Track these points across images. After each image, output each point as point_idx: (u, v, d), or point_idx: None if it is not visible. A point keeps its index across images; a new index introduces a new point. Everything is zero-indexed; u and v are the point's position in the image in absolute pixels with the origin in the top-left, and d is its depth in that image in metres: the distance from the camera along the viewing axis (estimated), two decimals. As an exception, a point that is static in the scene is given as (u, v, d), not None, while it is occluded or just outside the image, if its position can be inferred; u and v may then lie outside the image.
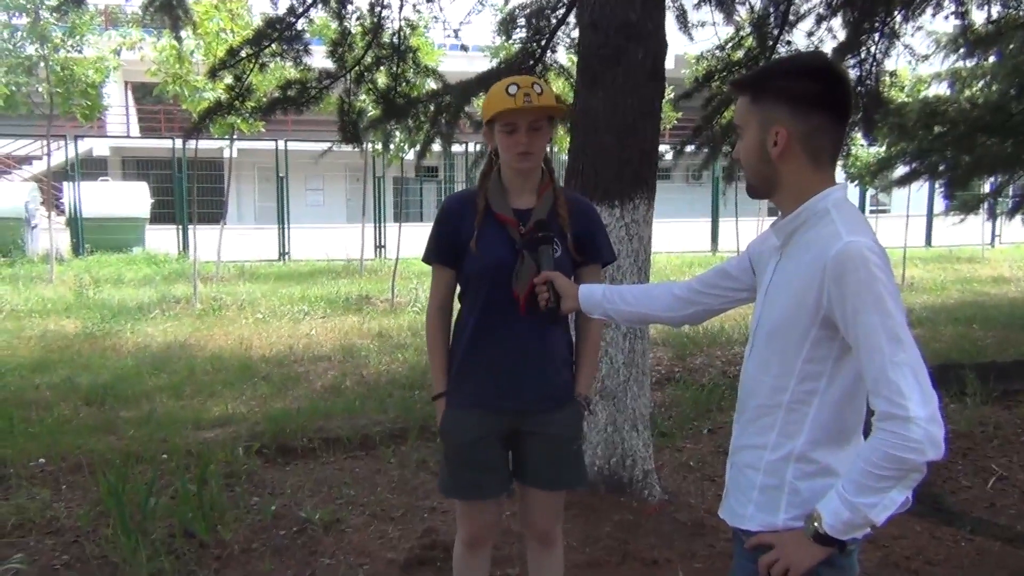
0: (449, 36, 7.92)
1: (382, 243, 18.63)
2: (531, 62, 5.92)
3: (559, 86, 6.75)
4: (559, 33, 5.99)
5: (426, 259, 2.56)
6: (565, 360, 2.55)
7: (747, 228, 17.63)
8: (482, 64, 10.95)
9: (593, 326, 2.60)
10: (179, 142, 17.50)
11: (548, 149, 2.50)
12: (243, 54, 5.58)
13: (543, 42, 5.98)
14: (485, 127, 2.44)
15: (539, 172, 2.47)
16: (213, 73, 5.91)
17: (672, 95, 9.15)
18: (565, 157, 4.42)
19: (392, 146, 10.86)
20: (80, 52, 12.67)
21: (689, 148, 7.36)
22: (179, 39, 8.30)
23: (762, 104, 1.68)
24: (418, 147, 7.18)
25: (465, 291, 2.52)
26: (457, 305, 2.58)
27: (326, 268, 15.46)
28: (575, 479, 2.62)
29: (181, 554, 3.60)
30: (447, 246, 2.48)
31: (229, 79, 5.95)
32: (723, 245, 19.88)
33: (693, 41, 6.60)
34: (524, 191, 2.46)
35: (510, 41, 6.61)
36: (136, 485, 4.16)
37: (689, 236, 19.18)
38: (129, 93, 28.32)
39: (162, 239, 17.82)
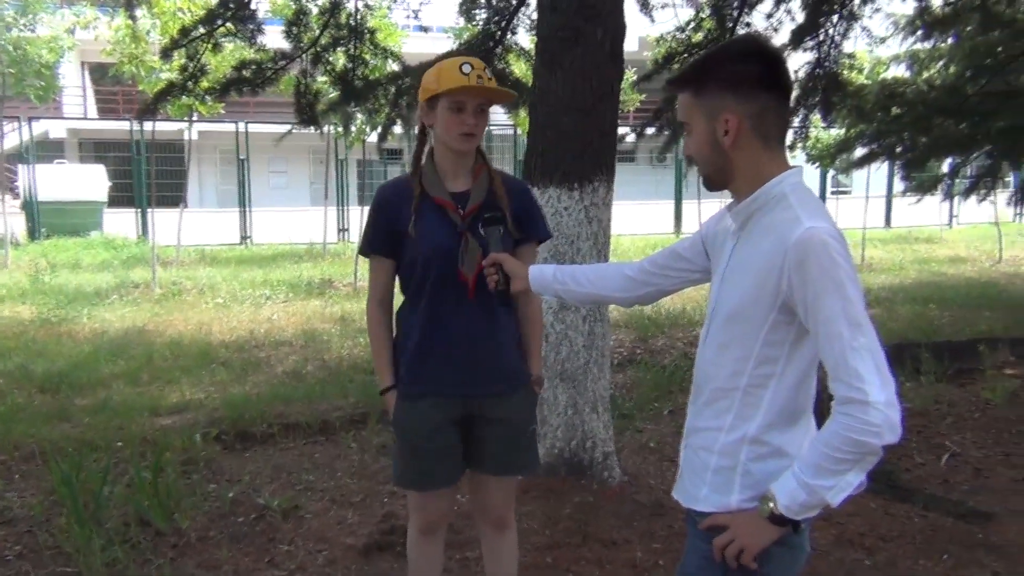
0: (410, 17, 7.86)
1: (345, 226, 18.49)
2: (491, 43, 5.88)
3: (520, 68, 6.71)
4: (520, 14, 5.95)
5: (363, 251, 2.50)
6: (515, 343, 2.53)
7: (710, 209, 17.67)
8: (445, 45, 10.87)
9: (534, 307, 2.60)
10: (138, 124, 17.19)
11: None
12: (195, 34, 5.47)
13: (504, 23, 5.94)
14: (424, 104, 2.38)
15: (473, 154, 2.45)
16: (166, 53, 5.80)
17: (635, 77, 9.15)
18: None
19: (354, 128, 10.74)
20: (33, 31, 12.39)
21: (650, 130, 7.37)
22: (134, 18, 8.14)
23: (706, 95, 1.67)
24: (379, 129, 7.12)
25: (408, 279, 2.45)
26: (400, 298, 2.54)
27: (289, 252, 15.31)
28: (529, 464, 2.63)
29: (136, 543, 3.55)
30: (385, 236, 2.43)
31: (183, 59, 5.84)
32: (687, 227, 19.98)
33: (654, 23, 6.60)
34: (459, 174, 2.43)
35: (472, 23, 6.56)
36: (91, 474, 4.10)
37: (653, 218, 19.26)
38: (86, 73, 27.77)
39: (121, 223, 17.54)
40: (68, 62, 18.52)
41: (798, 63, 6.75)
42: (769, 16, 6.57)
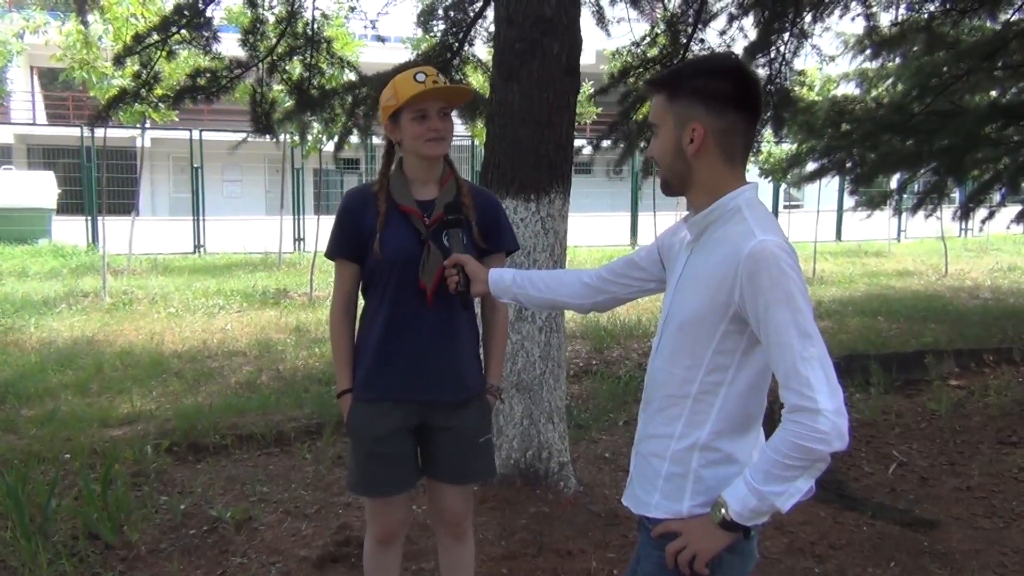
0: (368, 27, 7.84)
1: (301, 236, 18.35)
2: (448, 55, 5.90)
3: (477, 79, 6.74)
4: (477, 27, 5.98)
5: (329, 254, 2.53)
6: (474, 353, 2.56)
7: (665, 222, 17.79)
8: (403, 55, 10.88)
9: (500, 316, 2.63)
10: (88, 130, 16.89)
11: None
12: (149, 41, 5.41)
13: (461, 35, 5.96)
14: (388, 122, 2.42)
15: (441, 163, 2.48)
16: (119, 60, 5.72)
17: (592, 90, 9.23)
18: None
19: (310, 138, 10.67)
20: (-20, 35, 12.14)
21: (606, 143, 7.43)
22: (85, 23, 8.02)
23: (678, 102, 1.71)
24: (336, 139, 7.08)
25: (370, 285, 2.49)
26: (362, 300, 2.56)
27: (243, 261, 15.14)
28: (485, 471, 2.64)
29: (84, 556, 3.49)
30: (351, 241, 2.46)
31: (136, 66, 5.76)
32: (643, 239, 20.16)
33: (610, 37, 6.68)
34: (428, 182, 2.46)
35: (430, 34, 6.57)
36: (37, 486, 4.02)
37: (609, 230, 19.41)
38: (35, 78, 27.27)
39: (70, 231, 17.22)
40: (16, 67, 18.18)
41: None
42: (722, 33, 6.68)
